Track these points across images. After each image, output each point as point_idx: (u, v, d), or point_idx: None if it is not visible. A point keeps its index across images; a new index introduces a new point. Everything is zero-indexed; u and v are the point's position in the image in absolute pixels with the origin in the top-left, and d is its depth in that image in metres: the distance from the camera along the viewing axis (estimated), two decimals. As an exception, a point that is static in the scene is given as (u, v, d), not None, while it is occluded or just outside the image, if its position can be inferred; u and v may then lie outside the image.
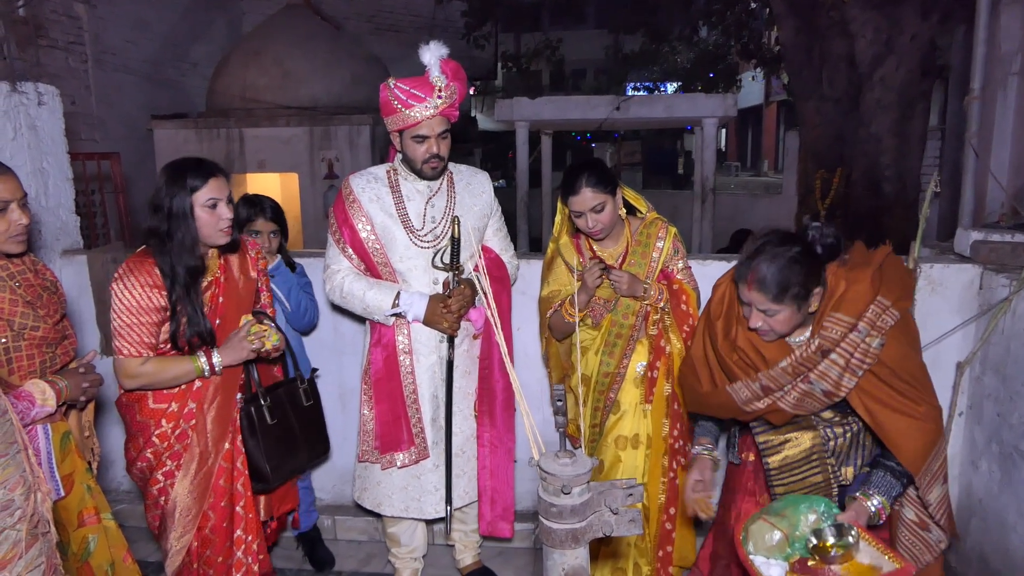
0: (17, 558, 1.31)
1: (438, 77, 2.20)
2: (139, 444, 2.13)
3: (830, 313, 1.71)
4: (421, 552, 2.67)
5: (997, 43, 3.58)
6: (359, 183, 2.38)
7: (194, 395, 2.11)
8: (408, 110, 2.21)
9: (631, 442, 2.36)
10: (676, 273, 2.36)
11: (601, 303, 2.34)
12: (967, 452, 2.68)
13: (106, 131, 7.91)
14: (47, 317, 1.95)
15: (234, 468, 2.20)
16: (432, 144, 2.26)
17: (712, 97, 9.45)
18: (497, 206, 2.55)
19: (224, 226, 2.05)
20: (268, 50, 7.87)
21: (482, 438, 2.47)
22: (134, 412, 2.11)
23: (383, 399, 2.40)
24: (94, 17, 7.80)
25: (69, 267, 3.11)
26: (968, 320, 2.64)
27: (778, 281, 1.64)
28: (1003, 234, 2.74)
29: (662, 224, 2.38)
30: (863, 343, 1.67)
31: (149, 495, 2.16)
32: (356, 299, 2.37)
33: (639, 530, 1.30)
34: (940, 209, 7.17)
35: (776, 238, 1.71)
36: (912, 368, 1.74)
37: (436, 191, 2.39)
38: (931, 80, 5.90)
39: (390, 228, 2.34)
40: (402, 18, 11.91)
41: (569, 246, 2.41)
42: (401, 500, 2.48)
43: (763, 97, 22.53)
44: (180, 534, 2.13)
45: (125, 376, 2.04)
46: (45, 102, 3.01)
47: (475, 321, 2.41)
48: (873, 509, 1.73)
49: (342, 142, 7.50)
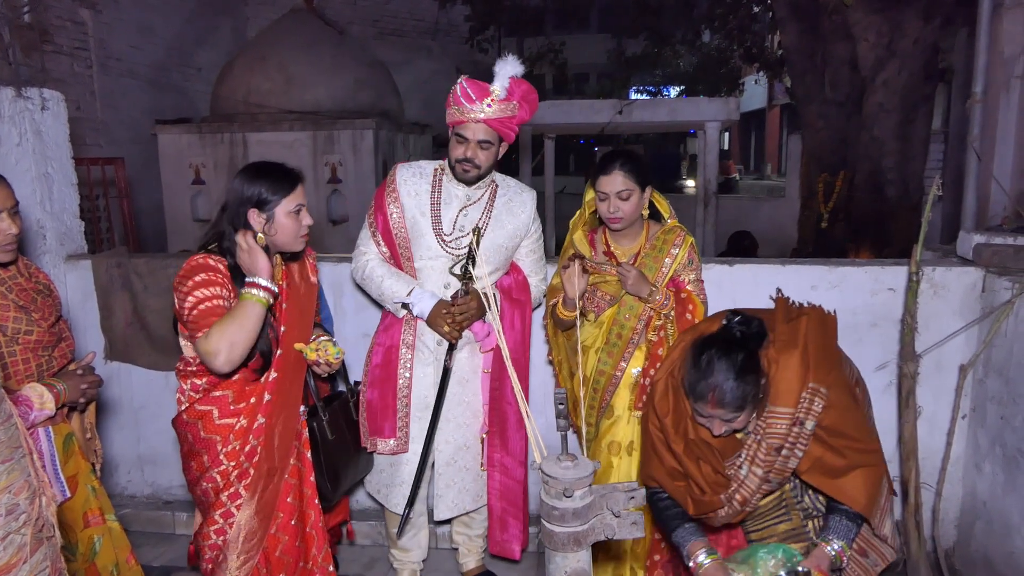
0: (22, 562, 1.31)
1: (497, 89, 2.22)
2: (203, 463, 2.00)
3: (770, 407, 1.77)
4: (421, 556, 2.68)
5: (999, 46, 3.58)
6: (404, 174, 2.41)
7: (264, 409, 1.99)
8: (459, 107, 2.24)
9: (625, 448, 2.34)
10: (687, 284, 2.33)
11: (607, 298, 2.32)
12: (970, 455, 2.67)
13: (110, 136, 7.94)
14: (41, 320, 1.96)
15: (303, 484, 2.12)
16: (469, 148, 2.27)
17: (715, 101, 9.44)
18: (537, 227, 2.52)
19: (304, 232, 2.03)
20: (272, 55, 7.89)
21: (492, 459, 2.48)
22: (197, 429, 1.98)
23: (376, 384, 2.43)
24: (99, 22, 7.84)
25: (73, 272, 3.13)
26: (971, 323, 2.63)
27: (738, 397, 1.70)
28: (1006, 237, 2.73)
29: (681, 232, 2.36)
30: (803, 430, 1.76)
31: (211, 520, 2.01)
32: (374, 283, 2.42)
33: (641, 533, 1.30)
34: (944, 212, 7.15)
35: (716, 349, 1.72)
36: (852, 420, 1.82)
37: (475, 200, 2.40)
38: (934, 83, 5.90)
39: (419, 224, 2.36)
40: (406, 22, 11.93)
41: (583, 240, 2.40)
42: (377, 481, 2.53)
43: (766, 101, 22.52)
44: (243, 561, 2.01)
45: (212, 353, 1.80)
46: (49, 107, 3.03)
47: (477, 333, 2.41)
48: (833, 553, 1.78)
49: (345, 147, 7.51)
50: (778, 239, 9.06)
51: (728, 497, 1.82)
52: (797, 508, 1.94)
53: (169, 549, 3.06)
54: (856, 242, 5.87)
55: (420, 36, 11.68)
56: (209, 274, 1.90)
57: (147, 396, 3.20)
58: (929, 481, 2.68)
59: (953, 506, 2.74)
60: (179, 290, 1.89)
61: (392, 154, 7.84)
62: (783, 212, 10.24)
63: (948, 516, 2.75)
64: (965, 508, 2.70)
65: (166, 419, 2.07)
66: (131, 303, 3.09)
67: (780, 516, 1.95)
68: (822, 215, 6.25)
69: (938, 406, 2.71)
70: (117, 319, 3.12)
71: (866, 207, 5.87)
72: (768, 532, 1.96)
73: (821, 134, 6.50)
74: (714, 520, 1.89)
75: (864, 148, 5.83)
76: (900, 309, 2.66)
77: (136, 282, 3.07)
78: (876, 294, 2.72)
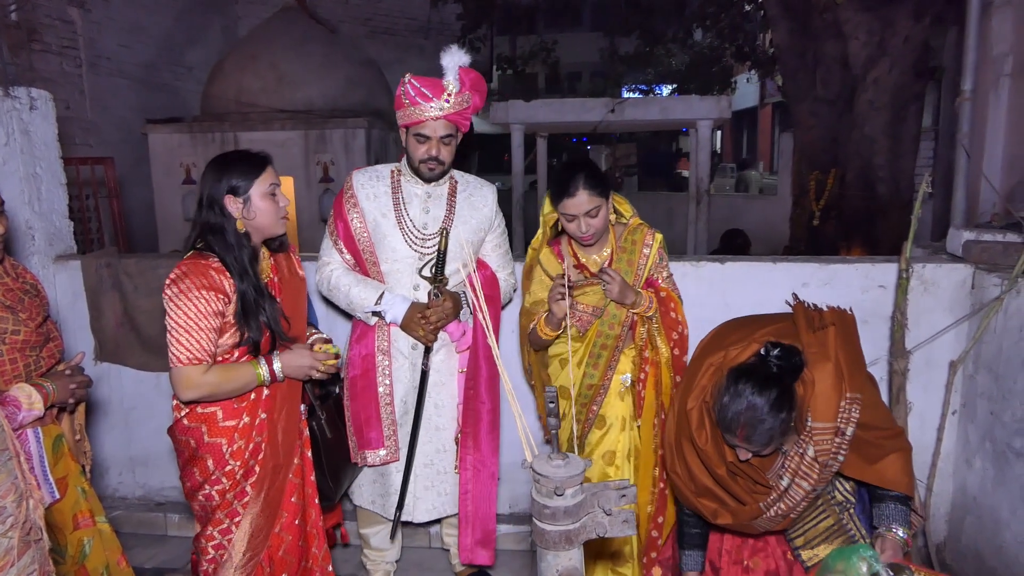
0: (9, 565, 1.30)
1: (451, 82, 2.21)
2: (207, 468, 1.97)
3: (811, 423, 1.76)
4: (394, 557, 2.67)
5: (988, 45, 3.60)
6: (360, 179, 2.39)
7: (264, 404, 2.00)
8: (415, 107, 2.22)
9: (620, 457, 2.32)
10: (660, 281, 2.32)
11: (589, 311, 2.27)
12: (961, 450, 2.68)
13: (100, 136, 7.89)
14: (28, 320, 1.95)
15: (305, 483, 2.12)
16: (432, 146, 2.27)
17: (707, 99, 9.45)
18: (500, 221, 2.52)
19: (284, 214, 2.03)
20: (263, 54, 7.86)
21: (465, 461, 2.43)
22: (200, 434, 1.96)
23: (357, 397, 2.41)
24: (88, 21, 7.79)
25: (63, 272, 3.11)
26: (961, 319, 2.65)
27: (767, 435, 1.70)
28: (995, 234, 2.74)
29: (648, 230, 2.32)
30: (844, 438, 1.76)
31: (216, 521, 1.99)
32: (341, 293, 2.39)
33: (632, 531, 1.30)
34: (934, 209, 7.19)
35: (752, 384, 1.70)
36: (881, 412, 1.87)
37: (435, 197, 2.39)
38: (924, 81, 5.92)
39: (382, 227, 2.34)
40: (397, 21, 11.90)
41: (550, 256, 2.33)
42: (370, 493, 2.50)
43: (758, 99, 22.55)
44: (248, 559, 1.99)
45: (187, 387, 1.87)
46: (38, 107, 3.00)
47: (452, 333, 2.39)
48: (901, 540, 1.82)
49: (337, 145, 7.49)
50: (770, 237, 9.09)
51: (768, 505, 1.82)
52: (833, 504, 1.94)
53: (161, 551, 3.05)
54: (847, 239, 5.90)
55: (412, 35, 11.65)
56: (200, 279, 1.87)
57: (138, 397, 3.19)
58: (920, 476, 2.69)
59: (944, 501, 2.76)
60: (168, 295, 1.87)
61: (384, 153, 7.82)
62: (775, 210, 10.27)
63: (939, 511, 2.76)
64: (956, 503, 2.72)
65: (157, 420, 2.07)
66: (121, 303, 3.07)
67: (819, 515, 1.95)
68: (814, 213, 6.27)
69: (928, 402, 2.73)
70: (107, 320, 3.10)
71: (857, 204, 5.89)
72: (812, 533, 1.96)
73: (812, 132, 6.52)
74: (754, 528, 1.88)
75: (855, 146, 5.85)
76: (891, 306, 2.67)
77: (126, 282, 3.05)
78: (867, 291, 2.73)
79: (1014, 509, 2.34)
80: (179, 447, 2.02)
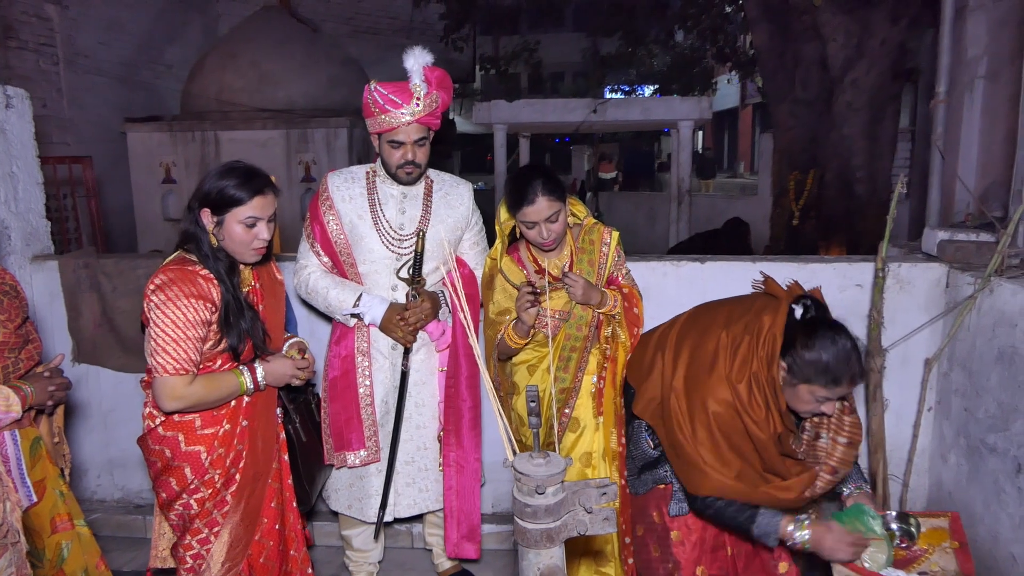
0: (-14, 567, 1.29)
1: (418, 85, 2.18)
2: (185, 477, 1.92)
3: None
4: (377, 558, 2.67)
5: (963, 47, 3.66)
6: (336, 181, 2.38)
7: (245, 412, 1.97)
8: (385, 115, 2.19)
9: (596, 457, 2.31)
10: (621, 279, 2.33)
11: (556, 315, 2.24)
12: (936, 446, 2.73)
13: (78, 134, 7.79)
14: (7, 322, 1.92)
15: (283, 487, 2.11)
16: (408, 150, 2.25)
17: (688, 100, 9.56)
18: (477, 219, 2.51)
19: (258, 246, 1.93)
20: (244, 52, 7.80)
21: (448, 458, 2.43)
22: (176, 443, 1.91)
23: (337, 398, 2.40)
24: (66, 18, 7.69)
25: (40, 273, 3.07)
26: (935, 317, 2.69)
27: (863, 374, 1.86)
28: (969, 234, 2.79)
29: (604, 229, 2.32)
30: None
31: (194, 531, 1.96)
32: (320, 296, 2.38)
33: (613, 528, 1.31)
34: (911, 209, 7.29)
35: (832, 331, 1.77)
36: None
37: (411, 198, 2.38)
38: (901, 83, 6.02)
39: (359, 229, 2.34)
40: (380, 20, 11.86)
41: (511, 264, 2.30)
42: (346, 497, 2.48)
43: (738, 100, 22.77)
44: (227, 569, 1.97)
45: (171, 398, 1.82)
46: (14, 105, 2.96)
47: (431, 333, 2.40)
48: (869, 493, 2.01)
49: (319, 145, 7.45)
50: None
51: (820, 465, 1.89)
52: None
53: (140, 554, 3.01)
54: (826, 239, 5.97)
55: (394, 34, 11.61)
56: (188, 287, 1.83)
57: (117, 399, 3.15)
58: (896, 472, 2.74)
59: (920, 496, 2.80)
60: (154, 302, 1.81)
61: (366, 152, 7.79)
62: (755, 209, 10.35)
63: (915, 506, 2.80)
64: (932, 498, 2.77)
65: (137, 422, 2.03)
66: (99, 304, 3.04)
67: None
68: (793, 212, 6.35)
69: (904, 399, 2.77)
70: (85, 321, 3.06)
71: (836, 204, 5.97)
72: None
73: (792, 132, 6.59)
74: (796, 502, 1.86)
75: (833, 146, 5.93)
76: (867, 304, 2.71)
77: (104, 283, 3.02)
78: (844, 290, 2.77)
79: (987, 503, 2.38)
80: (151, 457, 1.96)
